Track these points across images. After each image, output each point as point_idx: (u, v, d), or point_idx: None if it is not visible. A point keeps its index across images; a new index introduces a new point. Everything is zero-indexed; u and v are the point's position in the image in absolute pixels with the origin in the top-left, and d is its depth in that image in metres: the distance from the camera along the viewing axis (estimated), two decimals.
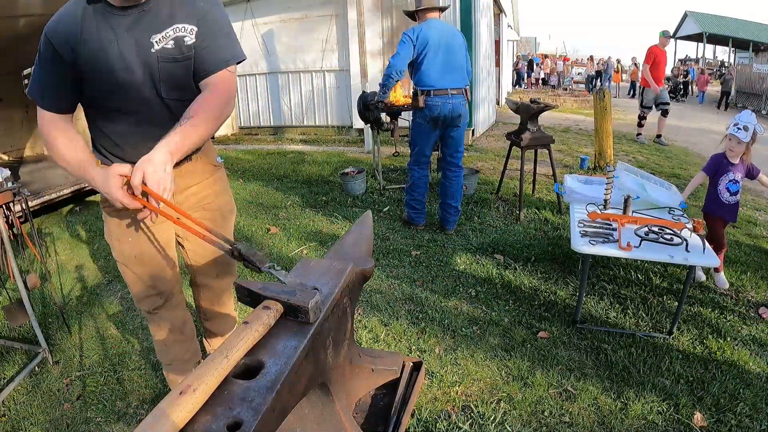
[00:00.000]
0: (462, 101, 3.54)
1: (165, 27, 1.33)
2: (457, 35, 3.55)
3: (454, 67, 3.51)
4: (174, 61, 1.36)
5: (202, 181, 1.63)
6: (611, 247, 2.35)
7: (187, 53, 1.37)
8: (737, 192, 2.89)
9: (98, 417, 2.02)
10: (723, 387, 2.08)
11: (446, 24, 3.57)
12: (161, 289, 1.67)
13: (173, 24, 1.34)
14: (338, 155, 6.60)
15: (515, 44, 20.48)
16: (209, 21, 1.39)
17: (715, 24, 25.50)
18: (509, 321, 2.59)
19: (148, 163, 1.20)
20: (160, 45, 1.33)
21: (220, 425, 0.65)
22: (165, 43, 1.34)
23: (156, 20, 1.33)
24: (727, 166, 2.90)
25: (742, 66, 16.78)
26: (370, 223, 1.34)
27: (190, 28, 1.36)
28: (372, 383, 1.20)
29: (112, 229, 1.57)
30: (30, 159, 6.22)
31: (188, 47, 1.37)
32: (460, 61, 3.53)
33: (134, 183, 1.19)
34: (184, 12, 1.35)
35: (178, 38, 1.35)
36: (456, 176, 3.71)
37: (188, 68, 1.40)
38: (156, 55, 1.34)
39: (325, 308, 0.89)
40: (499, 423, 1.91)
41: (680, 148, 7.83)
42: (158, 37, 1.33)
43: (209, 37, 1.39)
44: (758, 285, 2.99)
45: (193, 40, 1.36)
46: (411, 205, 3.86)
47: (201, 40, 1.38)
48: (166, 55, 1.35)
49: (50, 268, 3.44)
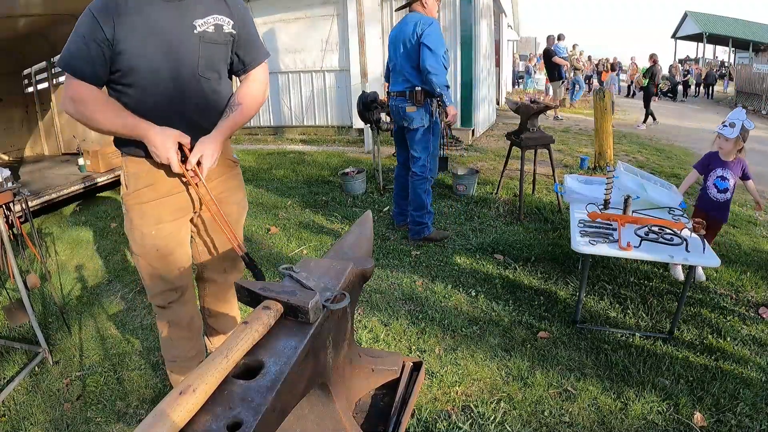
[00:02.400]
0: (402, 104, 3.37)
1: (207, 14, 1.49)
2: (405, 31, 3.28)
3: (395, 68, 3.41)
4: (214, 42, 1.51)
5: (220, 177, 1.70)
6: (611, 247, 2.35)
7: (225, 39, 1.53)
8: (726, 189, 2.86)
9: (98, 417, 2.02)
10: (723, 387, 2.08)
11: (409, 19, 3.33)
12: (177, 284, 1.69)
13: (214, 14, 1.50)
14: (338, 155, 6.60)
15: (515, 44, 20.46)
16: (244, 21, 1.58)
17: (715, 24, 25.50)
18: (509, 321, 2.59)
19: (208, 147, 1.47)
20: (202, 28, 1.48)
21: (220, 425, 0.65)
22: (206, 27, 1.48)
23: (196, 9, 1.47)
24: (718, 163, 2.89)
25: (742, 66, 16.77)
26: (370, 223, 1.34)
27: (227, 20, 1.52)
28: (372, 383, 1.20)
29: (135, 221, 1.59)
30: (30, 159, 6.22)
31: (226, 34, 1.53)
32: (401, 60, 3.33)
33: (192, 160, 1.45)
34: (220, 8, 1.52)
35: (218, 25, 1.50)
36: (411, 181, 3.51)
37: (224, 53, 1.56)
38: (198, 35, 1.47)
39: (325, 308, 0.89)
40: (499, 423, 1.91)
41: (680, 148, 7.83)
42: (200, 22, 1.47)
43: (245, 35, 1.58)
44: (758, 285, 2.99)
45: (230, 30, 1.53)
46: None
47: (238, 35, 1.56)
48: (207, 36, 1.49)
49: (50, 268, 3.44)
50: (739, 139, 2.80)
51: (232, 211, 1.75)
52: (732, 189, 2.86)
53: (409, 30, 3.25)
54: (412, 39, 3.24)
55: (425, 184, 3.50)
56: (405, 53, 3.30)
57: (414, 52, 3.26)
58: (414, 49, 3.25)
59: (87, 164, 5.04)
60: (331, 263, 1.04)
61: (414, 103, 3.33)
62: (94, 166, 4.99)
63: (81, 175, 4.94)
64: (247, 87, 1.63)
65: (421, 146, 3.45)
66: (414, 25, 3.23)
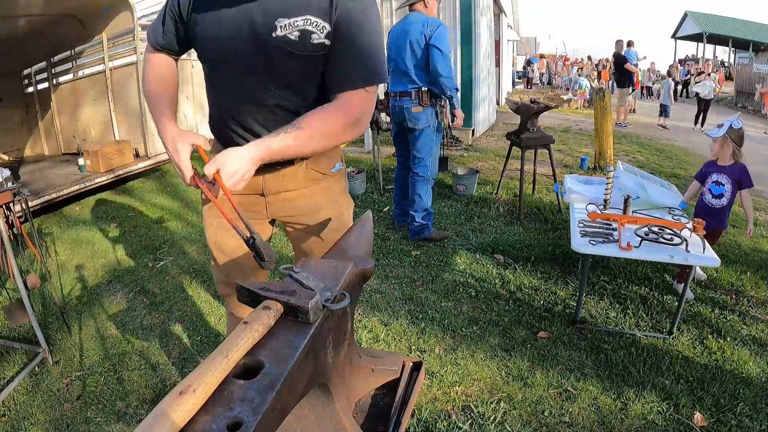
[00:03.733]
0: (407, 104, 3.35)
1: (297, 14, 1.15)
2: (412, 32, 3.26)
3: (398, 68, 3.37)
4: (291, 56, 1.18)
5: (301, 188, 1.41)
6: (611, 247, 2.35)
7: (311, 51, 1.18)
8: (721, 195, 2.79)
9: (98, 417, 2.02)
10: (723, 387, 2.08)
11: (413, 19, 3.31)
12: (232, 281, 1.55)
13: (306, 14, 1.15)
14: None
15: (515, 44, 20.47)
16: (351, 26, 1.17)
17: (715, 24, 25.51)
18: (509, 321, 2.59)
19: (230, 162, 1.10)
20: (283, 32, 1.15)
21: (220, 425, 0.64)
22: (289, 31, 1.15)
23: (291, 2, 1.15)
24: (714, 168, 2.86)
25: (742, 66, 16.77)
26: (370, 223, 1.34)
27: (322, 25, 1.16)
28: (372, 383, 1.20)
29: (204, 212, 1.51)
30: (30, 159, 6.22)
31: (315, 46, 1.17)
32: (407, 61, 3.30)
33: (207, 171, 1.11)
34: (324, 5, 1.15)
35: (305, 32, 1.15)
36: (410, 181, 3.52)
37: (307, 68, 1.21)
38: (275, 41, 1.16)
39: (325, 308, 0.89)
40: (499, 423, 1.91)
41: (680, 148, 7.84)
42: (285, 23, 1.14)
43: (346, 46, 1.18)
44: (758, 285, 2.99)
45: (321, 40, 1.17)
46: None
47: (335, 45, 1.18)
48: (286, 45, 1.16)
49: (50, 268, 3.44)
50: (726, 139, 2.76)
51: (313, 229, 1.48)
52: (729, 195, 2.78)
53: (417, 31, 3.24)
54: (420, 41, 3.24)
55: (427, 185, 3.50)
56: (412, 54, 3.29)
57: (422, 54, 3.26)
58: (422, 51, 3.25)
59: (87, 164, 5.05)
60: (331, 263, 1.04)
61: (420, 104, 3.34)
62: (94, 166, 4.99)
63: (81, 175, 4.95)
64: (322, 113, 1.19)
65: (425, 147, 3.44)
66: (422, 26, 3.23)
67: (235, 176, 1.11)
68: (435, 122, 3.43)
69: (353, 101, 1.22)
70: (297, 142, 1.16)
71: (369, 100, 1.25)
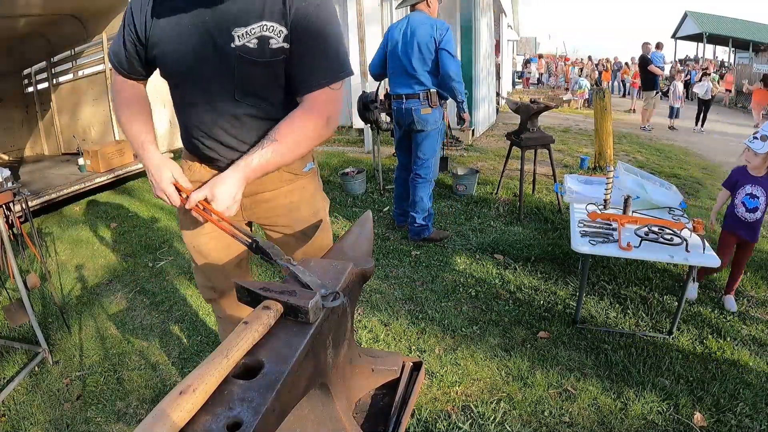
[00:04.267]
0: (415, 106, 3.32)
1: (253, 21, 1.14)
2: (419, 34, 3.22)
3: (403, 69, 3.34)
4: (253, 64, 1.18)
5: (276, 189, 1.42)
6: (611, 247, 2.35)
7: (271, 57, 1.18)
8: (755, 208, 2.59)
9: (98, 417, 2.02)
10: (723, 387, 2.08)
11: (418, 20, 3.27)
12: (217, 284, 1.59)
13: (262, 21, 1.15)
14: (338, 155, 6.60)
15: (515, 44, 20.48)
16: (308, 25, 1.17)
17: (715, 24, 25.49)
18: (509, 321, 2.59)
19: (218, 188, 1.15)
20: (241, 41, 1.15)
21: (220, 425, 0.64)
22: (248, 40, 1.15)
23: (246, 10, 1.15)
24: (747, 179, 2.64)
25: (743, 66, 16.76)
26: (370, 223, 1.34)
27: (279, 29, 1.16)
28: (372, 383, 1.20)
29: (180, 218, 1.52)
30: (30, 159, 6.23)
31: (273, 51, 1.17)
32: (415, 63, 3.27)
33: (194, 197, 1.14)
34: (278, 9, 1.15)
35: (263, 38, 1.16)
36: (412, 182, 3.50)
37: (270, 74, 1.22)
38: (236, 52, 1.16)
39: (325, 308, 0.89)
40: (499, 423, 1.91)
41: (680, 148, 7.84)
42: (242, 32, 1.15)
43: (305, 47, 1.18)
44: (758, 285, 2.99)
45: (280, 44, 1.17)
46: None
47: (294, 47, 1.18)
48: (246, 54, 1.17)
49: (50, 268, 3.44)
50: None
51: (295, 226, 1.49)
52: (763, 208, 2.59)
53: (425, 33, 3.22)
54: (429, 44, 3.22)
55: (429, 186, 3.50)
56: (420, 56, 3.27)
57: (430, 57, 3.25)
58: (432, 54, 3.25)
59: (87, 164, 5.05)
60: (331, 263, 1.04)
61: (430, 105, 3.33)
62: (94, 166, 5.00)
63: (81, 175, 4.95)
64: (293, 121, 1.21)
65: (431, 148, 3.44)
66: (431, 28, 3.22)
67: (227, 202, 1.15)
68: (442, 124, 3.43)
69: (320, 101, 1.22)
70: (276, 155, 1.19)
71: (336, 98, 1.26)
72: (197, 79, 1.23)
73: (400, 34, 3.35)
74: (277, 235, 1.52)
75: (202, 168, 1.39)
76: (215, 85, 1.23)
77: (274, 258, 1.02)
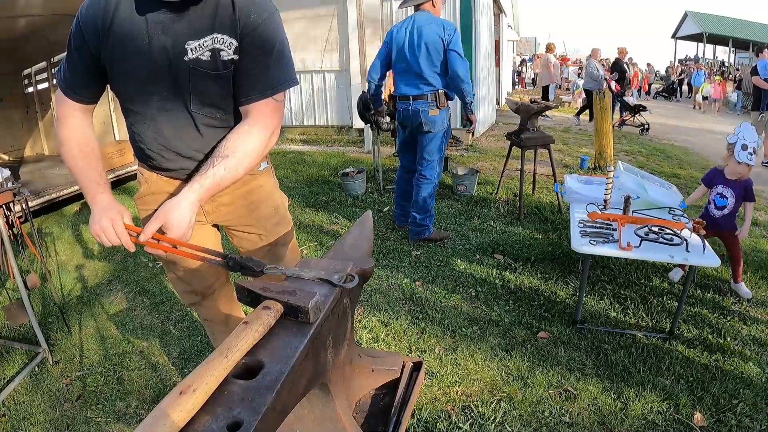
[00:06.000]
0: (423, 107, 3.30)
1: (204, 34, 1.17)
2: (427, 35, 3.20)
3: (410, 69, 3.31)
4: (207, 76, 1.21)
5: (234, 192, 1.44)
6: (611, 247, 2.35)
7: (223, 69, 1.21)
8: (723, 207, 2.80)
9: (98, 417, 2.02)
10: (723, 387, 2.08)
11: (425, 20, 3.25)
12: (196, 287, 1.60)
13: (213, 33, 1.17)
14: (338, 155, 6.60)
15: (515, 44, 20.47)
16: (255, 38, 1.20)
17: (715, 24, 25.48)
18: (509, 321, 2.59)
19: (171, 215, 1.14)
20: (195, 54, 1.18)
21: (220, 425, 0.65)
22: (201, 53, 1.18)
23: (197, 23, 1.17)
24: (720, 179, 2.83)
25: (743, 66, 16.76)
26: (370, 223, 1.34)
27: (229, 41, 1.19)
28: (372, 383, 1.20)
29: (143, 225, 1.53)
30: (30, 159, 6.22)
31: (225, 63, 1.20)
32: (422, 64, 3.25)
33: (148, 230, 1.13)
34: (228, 22, 1.18)
35: (215, 50, 1.18)
36: (416, 183, 3.50)
37: (224, 85, 1.25)
38: (189, 65, 1.19)
39: (325, 308, 0.89)
40: (499, 423, 1.91)
41: (680, 148, 7.84)
42: (194, 45, 1.17)
43: (253, 58, 1.22)
44: (758, 285, 2.99)
45: (231, 56, 1.20)
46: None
47: (243, 58, 1.21)
48: (200, 66, 1.19)
49: (50, 268, 3.44)
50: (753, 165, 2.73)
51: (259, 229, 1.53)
52: (731, 207, 2.77)
53: (433, 33, 3.20)
54: (438, 44, 3.20)
55: (432, 188, 3.50)
56: (427, 57, 3.24)
57: (438, 57, 3.24)
58: (438, 54, 3.23)
59: None
60: (331, 263, 1.04)
61: (438, 106, 3.32)
62: None
63: None
64: (239, 135, 1.24)
65: (437, 149, 3.43)
66: (439, 29, 3.20)
67: (182, 228, 1.15)
68: (448, 125, 3.43)
69: (265, 112, 1.26)
70: (227, 171, 1.21)
71: (279, 109, 1.30)
72: (154, 95, 1.24)
73: (406, 35, 3.33)
74: (243, 235, 1.55)
75: (159, 179, 1.40)
76: (173, 100, 1.24)
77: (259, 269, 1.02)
